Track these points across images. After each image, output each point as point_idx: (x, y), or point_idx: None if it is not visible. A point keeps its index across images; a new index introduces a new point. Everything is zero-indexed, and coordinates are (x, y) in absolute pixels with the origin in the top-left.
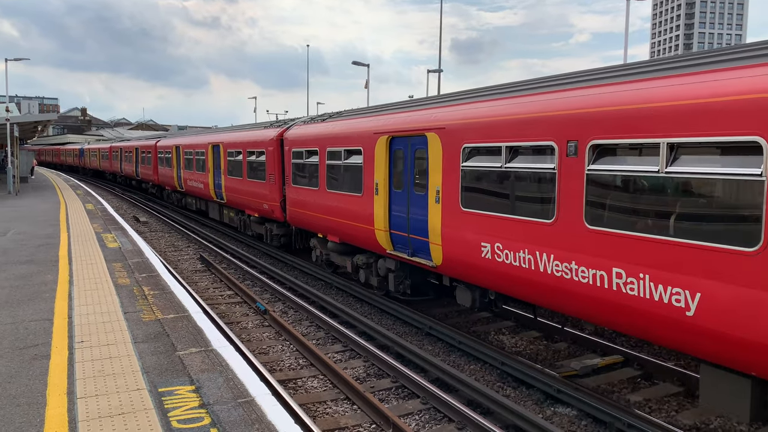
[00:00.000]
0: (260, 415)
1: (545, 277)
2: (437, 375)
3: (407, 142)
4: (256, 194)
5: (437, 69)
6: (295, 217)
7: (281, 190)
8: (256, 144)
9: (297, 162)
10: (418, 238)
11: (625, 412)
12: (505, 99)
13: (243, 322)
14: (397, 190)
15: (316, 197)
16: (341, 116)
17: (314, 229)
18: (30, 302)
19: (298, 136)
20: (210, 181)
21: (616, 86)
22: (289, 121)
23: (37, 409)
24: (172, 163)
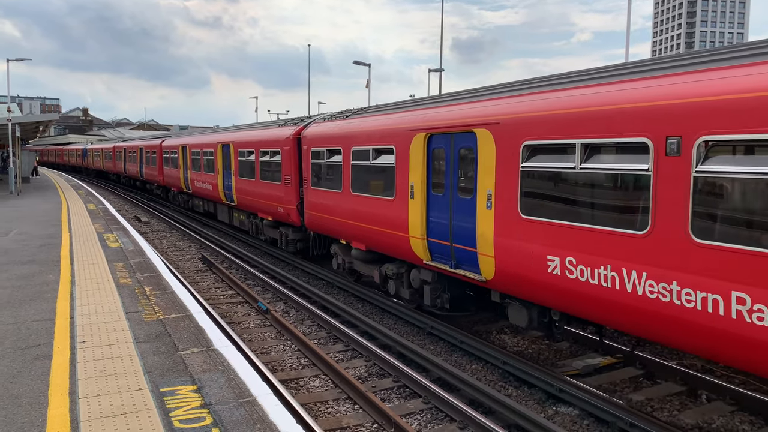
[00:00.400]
0: (262, 415)
1: (635, 299)
2: (439, 374)
3: (449, 140)
4: (270, 197)
5: (438, 68)
6: (314, 221)
7: (298, 192)
8: (270, 143)
9: (316, 162)
10: (464, 248)
11: (627, 411)
12: (579, 88)
13: (245, 322)
14: (436, 194)
15: (339, 201)
16: (366, 112)
17: (336, 234)
18: (32, 302)
19: (318, 135)
20: (219, 183)
21: (737, 70)
22: (306, 118)
23: (39, 410)
24: (178, 164)
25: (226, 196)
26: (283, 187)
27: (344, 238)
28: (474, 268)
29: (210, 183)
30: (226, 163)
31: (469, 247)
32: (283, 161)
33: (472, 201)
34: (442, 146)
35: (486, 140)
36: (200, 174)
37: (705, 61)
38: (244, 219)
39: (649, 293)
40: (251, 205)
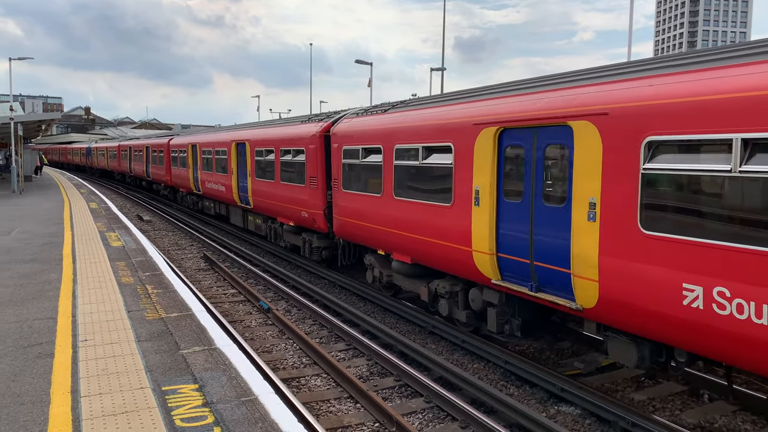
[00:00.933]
0: (263, 413)
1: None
2: (441, 374)
3: (530, 135)
4: (292, 200)
5: (440, 67)
6: (345, 228)
7: (325, 195)
8: (293, 141)
9: (350, 162)
10: (551, 268)
11: (629, 411)
12: (740, 67)
13: (246, 321)
14: (510, 201)
15: (378, 206)
16: (412, 105)
17: (372, 244)
18: (34, 301)
19: (351, 132)
20: (233, 184)
21: None
22: (333, 113)
23: (41, 408)
24: (187, 163)
25: (241, 198)
26: (308, 189)
27: (383, 249)
28: (565, 294)
29: (223, 184)
30: (241, 163)
31: (558, 267)
32: (308, 161)
33: (565, 211)
34: (519, 143)
35: (587, 135)
36: (212, 174)
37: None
38: (261, 223)
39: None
40: (270, 209)
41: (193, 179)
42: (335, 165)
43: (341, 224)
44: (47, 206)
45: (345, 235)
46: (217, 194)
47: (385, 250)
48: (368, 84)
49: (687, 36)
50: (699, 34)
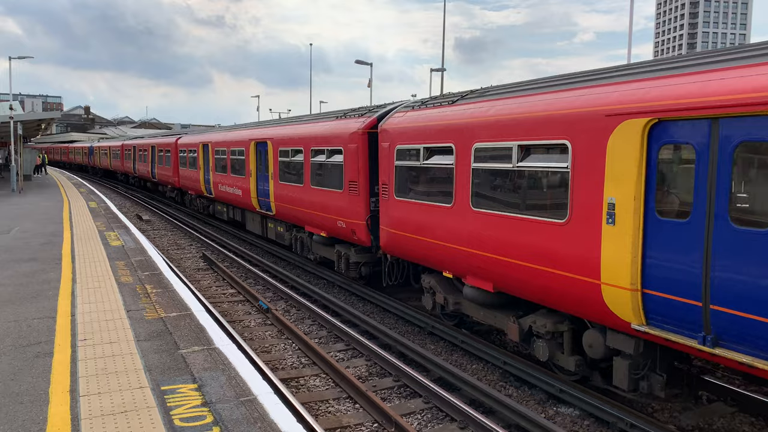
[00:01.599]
0: (262, 413)
1: None
2: (439, 374)
3: (708, 129)
4: (325, 207)
5: (440, 68)
6: (396, 242)
7: (368, 203)
8: (327, 140)
9: (406, 165)
10: (747, 317)
11: (628, 412)
12: None
13: (245, 321)
14: (668, 219)
15: (447, 218)
16: (489, 94)
17: (434, 263)
18: (33, 300)
19: (409, 128)
20: (251, 188)
21: None
22: (376, 107)
23: (39, 407)
24: (197, 164)
25: (261, 203)
26: (347, 195)
27: (450, 270)
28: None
29: (239, 187)
30: (261, 164)
31: (759, 316)
32: (346, 163)
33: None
34: (685, 140)
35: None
36: (226, 176)
37: None
38: (284, 232)
39: None
40: (296, 217)
41: (204, 181)
42: (384, 167)
43: (391, 238)
44: (46, 205)
45: (395, 250)
46: (231, 198)
47: (453, 272)
48: (368, 84)
49: (687, 38)
50: (699, 36)
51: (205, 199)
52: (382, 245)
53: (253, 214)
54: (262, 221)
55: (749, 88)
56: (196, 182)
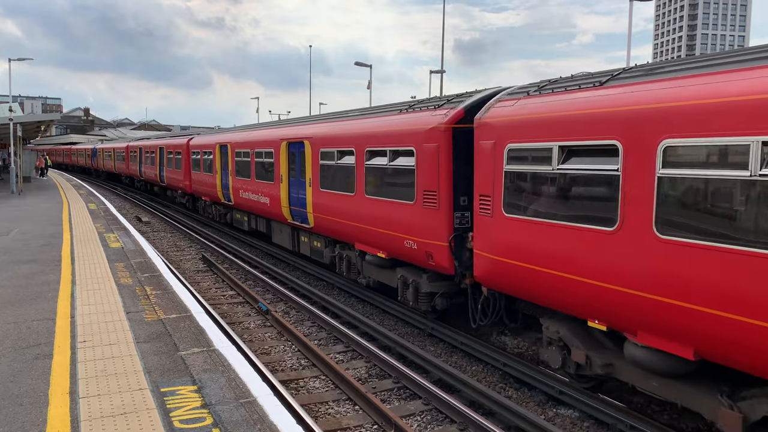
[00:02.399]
0: (262, 415)
1: None
2: (439, 376)
3: None
4: (386, 222)
5: (440, 70)
6: (503, 274)
7: (452, 219)
8: (392, 138)
9: (524, 171)
10: None
11: (628, 413)
12: None
13: (245, 323)
14: None
15: (605, 248)
16: (672, 68)
17: (571, 307)
18: (33, 302)
19: (530, 119)
20: (282, 195)
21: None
22: (458, 96)
23: (39, 409)
24: (214, 167)
25: (295, 214)
26: (420, 209)
27: (605, 321)
28: None
29: (266, 195)
30: (296, 168)
31: None
32: (421, 167)
33: None
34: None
35: None
36: (249, 182)
37: None
38: (322, 248)
39: None
40: (342, 232)
41: (221, 187)
42: (484, 174)
43: (495, 267)
44: (46, 207)
45: (500, 283)
46: (255, 206)
47: (609, 324)
48: (368, 86)
49: (686, 39)
50: (698, 38)
51: (222, 207)
52: (479, 275)
53: (282, 226)
54: (294, 234)
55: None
56: (212, 188)
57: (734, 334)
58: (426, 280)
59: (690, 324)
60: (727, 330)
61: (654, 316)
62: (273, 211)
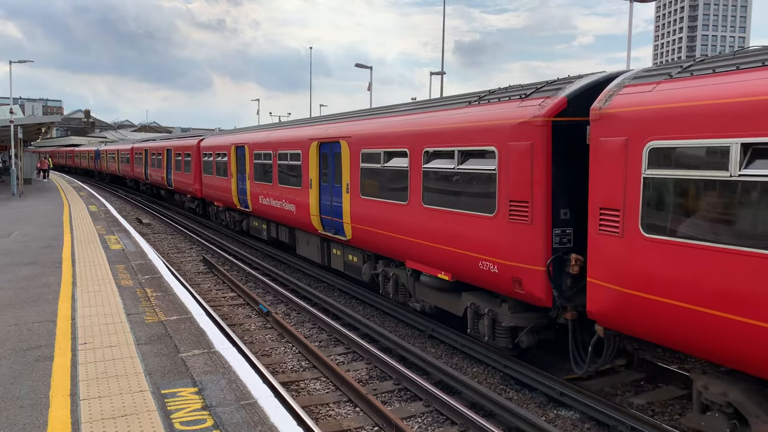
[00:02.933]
0: (263, 417)
1: None
2: (440, 377)
3: None
4: (454, 237)
5: (440, 71)
6: (640, 312)
7: (549, 237)
8: (463, 135)
9: (678, 177)
10: None
11: (629, 415)
12: None
13: (245, 324)
14: None
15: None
16: None
17: (757, 365)
18: (33, 304)
19: (686, 109)
20: (312, 202)
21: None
22: (554, 82)
23: (40, 411)
24: (228, 171)
25: (327, 224)
26: (504, 224)
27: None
28: None
29: (291, 201)
30: (328, 172)
31: None
32: (505, 171)
33: None
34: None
35: None
36: (271, 187)
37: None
38: (360, 264)
39: None
40: (390, 246)
41: (237, 192)
42: (605, 181)
43: (622, 303)
44: (47, 209)
45: (632, 324)
46: (278, 214)
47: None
48: (368, 87)
49: (686, 41)
50: (698, 39)
51: (237, 214)
52: (595, 311)
53: (309, 236)
54: (324, 246)
55: None
56: (226, 192)
57: None
58: (507, 310)
59: None
60: None
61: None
62: (299, 219)
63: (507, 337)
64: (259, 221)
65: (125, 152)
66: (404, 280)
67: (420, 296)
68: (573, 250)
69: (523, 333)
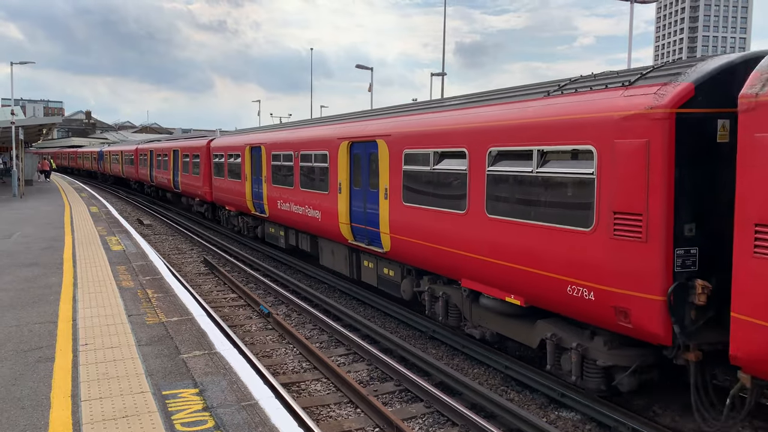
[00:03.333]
0: (264, 418)
1: None
2: (441, 378)
3: None
4: (530, 255)
5: (441, 72)
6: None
7: (670, 259)
8: (547, 132)
9: None
10: None
11: (630, 416)
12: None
13: (246, 325)
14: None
15: None
16: None
17: None
18: (34, 305)
19: None
20: (341, 209)
21: None
22: (669, 65)
23: (41, 412)
24: (242, 173)
25: (359, 233)
26: (606, 240)
27: None
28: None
29: (315, 207)
30: (361, 175)
31: None
32: (607, 175)
33: None
34: None
35: None
36: (291, 192)
37: None
38: (397, 279)
39: None
40: (441, 262)
41: (252, 196)
42: (763, 189)
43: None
44: (48, 210)
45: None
46: (299, 221)
47: None
48: (369, 89)
49: (687, 41)
50: (699, 40)
51: (251, 219)
52: (748, 357)
53: (335, 246)
54: (353, 257)
55: None
56: (239, 196)
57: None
58: (602, 346)
59: None
60: None
61: None
62: (325, 227)
63: (600, 378)
64: (276, 228)
65: (129, 153)
66: (457, 300)
67: (478, 321)
68: (698, 275)
69: (625, 375)
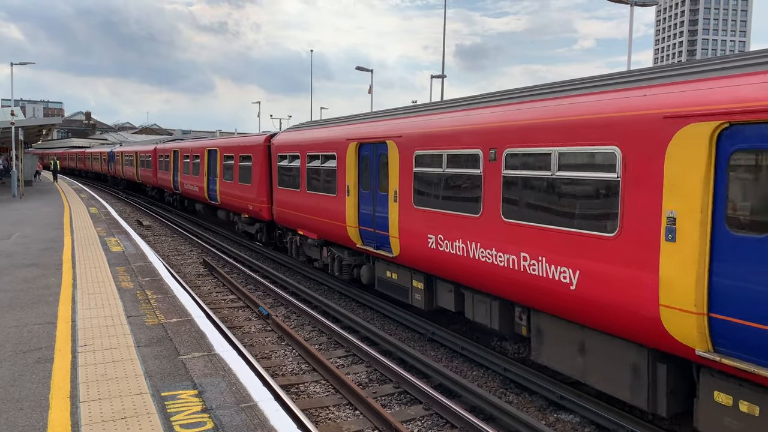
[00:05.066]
0: (263, 420)
1: None
2: (440, 381)
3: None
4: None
5: (441, 74)
6: None
7: None
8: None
9: None
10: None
11: (629, 419)
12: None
13: (245, 327)
14: None
15: None
16: None
17: None
18: (34, 306)
19: None
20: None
21: None
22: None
23: (40, 413)
24: (337, 181)
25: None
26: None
27: None
28: None
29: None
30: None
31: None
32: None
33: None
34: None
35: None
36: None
37: None
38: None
39: None
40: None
41: (358, 218)
42: None
43: None
44: (47, 211)
45: None
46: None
47: None
48: (369, 90)
49: (687, 44)
50: (698, 43)
51: (350, 255)
52: None
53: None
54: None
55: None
56: (333, 219)
57: None
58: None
59: None
60: None
61: None
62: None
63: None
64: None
65: (146, 154)
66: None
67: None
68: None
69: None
